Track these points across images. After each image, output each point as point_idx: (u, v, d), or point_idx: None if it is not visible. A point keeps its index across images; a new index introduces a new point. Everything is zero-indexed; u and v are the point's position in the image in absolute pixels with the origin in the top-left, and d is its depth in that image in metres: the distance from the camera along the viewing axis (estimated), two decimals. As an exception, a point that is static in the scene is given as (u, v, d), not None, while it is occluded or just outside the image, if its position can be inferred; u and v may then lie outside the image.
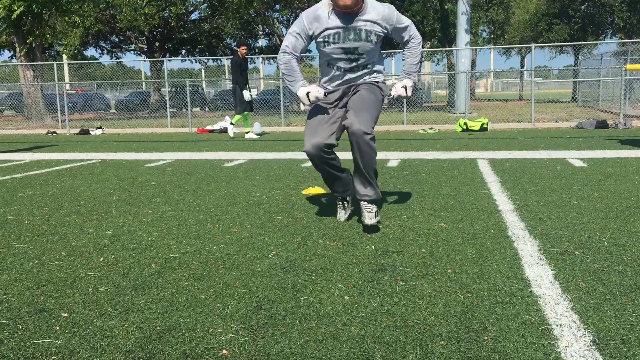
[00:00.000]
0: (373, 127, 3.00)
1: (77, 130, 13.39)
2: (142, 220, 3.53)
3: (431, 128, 11.63)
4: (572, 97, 23.96)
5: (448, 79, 24.49)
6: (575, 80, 15.60)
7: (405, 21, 3.14)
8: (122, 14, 24.34)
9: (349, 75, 3.17)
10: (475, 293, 2.14)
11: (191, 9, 28.73)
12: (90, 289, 2.26)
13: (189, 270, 2.50)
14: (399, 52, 16.43)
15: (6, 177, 5.63)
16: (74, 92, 31.02)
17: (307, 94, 3.06)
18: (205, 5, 28.18)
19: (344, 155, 6.63)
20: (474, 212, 3.55)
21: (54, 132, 13.31)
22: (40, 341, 1.79)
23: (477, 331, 1.80)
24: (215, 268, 2.52)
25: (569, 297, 2.07)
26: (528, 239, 2.89)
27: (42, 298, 2.17)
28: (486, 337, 1.76)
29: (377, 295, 2.14)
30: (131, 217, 3.65)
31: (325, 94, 3.13)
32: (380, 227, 3.05)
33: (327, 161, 3.10)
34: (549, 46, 14.89)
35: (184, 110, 24.54)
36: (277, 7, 26.20)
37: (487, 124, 11.11)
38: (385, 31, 3.07)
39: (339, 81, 3.19)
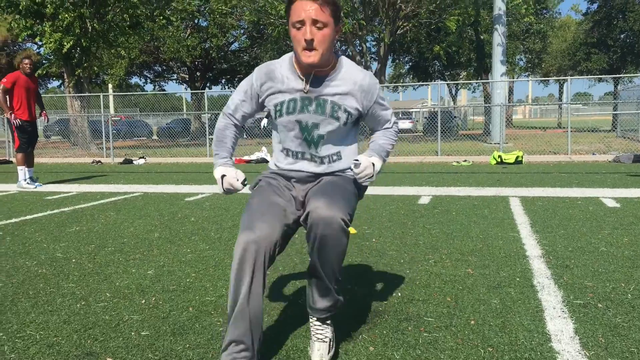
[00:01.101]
0: (350, 218, 2.02)
1: (121, 160, 13.90)
2: (181, 260, 3.72)
3: (465, 160, 11.66)
4: (612, 126, 23.57)
5: (484, 107, 24.44)
6: (615, 112, 15.38)
7: (387, 104, 2.30)
8: (165, 45, 25.25)
9: (303, 166, 2.23)
10: (496, 347, 2.22)
11: (231, 40, 29.56)
12: (132, 333, 2.43)
13: (224, 314, 2.65)
14: (435, 83, 16.53)
15: (55, 211, 5.95)
16: (118, 118, 32.11)
17: (222, 177, 2.17)
18: (245, 36, 28.97)
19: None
20: (502, 258, 3.62)
21: (99, 162, 13.85)
22: (89, 385, 1.96)
23: (494, 387, 1.89)
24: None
25: (587, 354, 2.14)
26: (553, 288, 2.95)
27: (89, 341, 2.35)
28: (502, 394, 1.84)
29: (400, 346, 2.25)
30: (171, 256, 3.85)
31: (244, 183, 2.15)
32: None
33: (263, 270, 1.98)
34: (586, 78, 14.84)
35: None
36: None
37: (522, 156, 11.08)
38: (360, 109, 2.19)
39: (291, 169, 2.26)
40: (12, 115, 7.80)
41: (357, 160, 2.16)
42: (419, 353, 2.18)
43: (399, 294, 2.92)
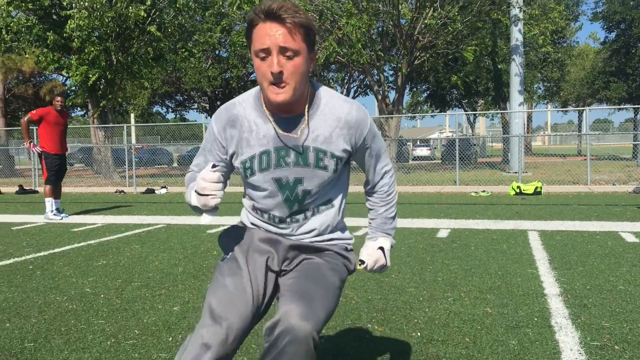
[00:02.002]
0: (321, 329, 1.62)
1: (143, 189, 14.16)
2: (204, 296, 3.82)
3: (483, 191, 11.68)
4: (633, 155, 23.42)
5: (502, 133, 24.48)
6: (636, 142, 15.32)
7: (380, 139, 1.88)
8: (187, 76, 25.81)
9: (286, 230, 1.84)
10: (513, 389, 2.28)
11: (251, 70, 30.08)
12: (162, 371, 2.54)
13: (248, 354, 2.75)
14: (453, 113, 16.64)
15: (82, 244, 6.12)
16: (140, 146, 32.66)
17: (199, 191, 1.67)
18: (264, 66, 29.48)
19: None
20: (520, 296, 3.66)
21: (122, 191, 14.12)
22: None
23: None
24: None
25: (603, 398, 2.19)
26: (570, 329, 3.00)
27: (121, 379, 2.46)
28: None
29: (419, 388, 2.32)
30: (195, 291, 3.96)
31: (214, 166, 1.66)
32: None
33: None
34: (605, 108, 14.88)
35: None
36: (333, 67, 27.13)
37: (541, 187, 11.07)
38: (349, 149, 1.78)
39: (272, 236, 1.85)
40: (31, 144, 8.07)
41: (362, 261, 1.88)
42: (438, 395, 2.25)
43: (419, 334, 2.98)
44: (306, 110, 1.73)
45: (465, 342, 2.84)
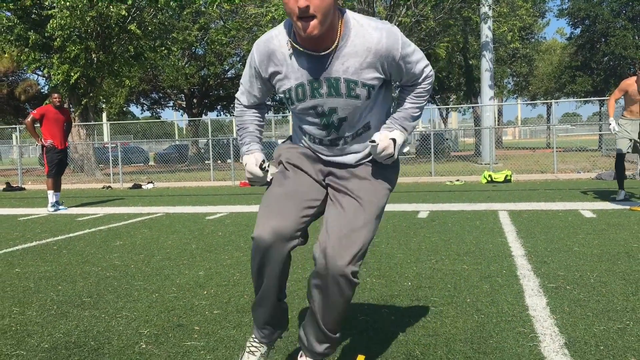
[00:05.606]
0: (362, 258, 1.91)
1: (130, 185, 14.58)
2: (223, 264, 4.42)
3: (457, 180, 12.44)
4: (599, 145, 24.58)
5: (475, 126, 25.42)
6: (601, 133, 16.29)
7: (415, 52, 1.89)
8: (165, 73, 26.13)
9: (331, 153, 2.03)
10: (487, 314, 2.94)
11: (227, 67, 30.51)
12: (207, 312, 3.14)
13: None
14: (426, 107, 17.35)
15: (93, 230, 6.64)
16: (115, 145, 32.78)
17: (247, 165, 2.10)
18: (241, 64, 29.92)
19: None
20: (491, 257, 4.34)
21: (109, 187, 14.52)
22: (188, 343, 2.66)
23: (485, 338, 2.61)
24: (293, 298, 3.37)
25: (554, 317, 2.86)
26: (532, 277, 3.68)
27: (175, 318, 3.05)
28: (491, 341, 2.56)
29: (416, 316, 2.96)
30: (213, 262, 4.55)
31: (262, 167, 2.06)
32: None
33: (282, 263, 1.93)
34: (571, 101, 15.85)
35: (219, 162, 25.82)
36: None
37: (510, 175, 11.86)
38: (382, 76, 1.86)
39: (320, 157, 2.07)
40: (42, 140, 8.51)
41: (373, 141, 1.94)
42: (430, 319, 2.90)
43: (409, 283, 3.63)
44: (337, 42, 1.80)
45: (447, 287, 3.49)
